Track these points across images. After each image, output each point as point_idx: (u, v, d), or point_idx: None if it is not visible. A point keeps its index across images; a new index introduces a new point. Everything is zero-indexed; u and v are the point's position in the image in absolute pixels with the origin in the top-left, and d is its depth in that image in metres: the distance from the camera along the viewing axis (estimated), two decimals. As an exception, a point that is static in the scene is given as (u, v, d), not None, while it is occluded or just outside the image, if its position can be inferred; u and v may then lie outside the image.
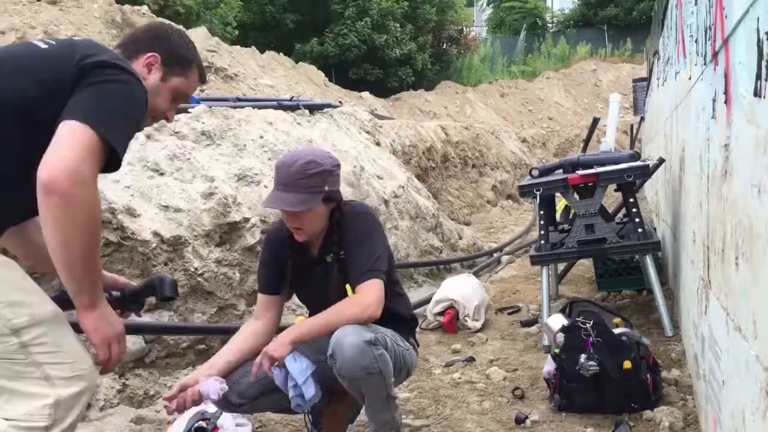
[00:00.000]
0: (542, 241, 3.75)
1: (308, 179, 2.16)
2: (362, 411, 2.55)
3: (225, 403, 2.22)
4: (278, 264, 2.35)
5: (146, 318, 3.10)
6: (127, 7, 7.72)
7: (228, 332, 3.15)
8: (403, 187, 5.58)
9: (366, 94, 14.07)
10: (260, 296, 2.40)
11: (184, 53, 1.89)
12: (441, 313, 4.10)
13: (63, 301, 1.62)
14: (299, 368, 2.14)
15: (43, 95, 1.54)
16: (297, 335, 2.11)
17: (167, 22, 2.06)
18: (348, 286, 2.23)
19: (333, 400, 2.46)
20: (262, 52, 12.20)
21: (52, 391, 1.45)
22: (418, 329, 2.71)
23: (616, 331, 2.83)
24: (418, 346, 2.52)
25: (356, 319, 2.11)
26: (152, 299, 2.11)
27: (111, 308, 1.63)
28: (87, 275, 1.51)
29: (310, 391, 2.15)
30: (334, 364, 2.09)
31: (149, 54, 1.80)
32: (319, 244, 2.32)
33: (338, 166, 2.29)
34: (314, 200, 2.17)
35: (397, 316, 2.39)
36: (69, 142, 1.44)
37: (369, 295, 2.14)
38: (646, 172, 3.72)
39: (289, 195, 2.15)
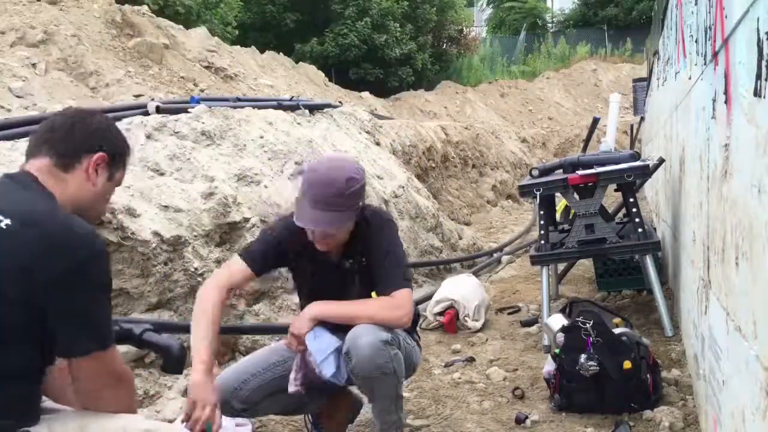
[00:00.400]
0: (542, 241, 3.75)
1: (347, 199, 2.10)
2: (362, 411, 2.56)
3: (227, 409, 2.18)
4: (279, 251, 2.30)
5: (146, 317, 3.10)
6: (127, 7, 7.72)
7: (274, 331, 3.15)
8: (403, 187, 5.57)
9: (366, 94, 14.08)
10: (240, 264, 2.26)
11: (126, 144, 1.74)
12: (441, 313, 4.10)
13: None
14: (318, 346, 2.15)
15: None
16: (319, 312, 2.15)
17: (78, 108, 1.86)
18: (374, 293, 2.22)
19: (333, 401, 2.47)
20: (262, 52, 12.20)
21: None
22: (417, 328, 2.71)
23: (616, 331, 2.83)
24: (420, 339, 2.54)
25: (389, 322, 2.13)
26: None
27: None
28: None
29: (329, 369, 2.14)
30: (349, 361, 2.09)
31: (97, 155, 1.61)
32: (338, 250, 2.27)
33: (364, 179, 2.23)
34: (351, 217, 2.15)
35: None
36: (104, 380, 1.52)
37: (404, 304, 2.15)
38: (646, 172, 3.72)
39: (326, 214, 2.08)
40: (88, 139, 1.62)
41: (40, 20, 6.32)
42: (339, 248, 2.26)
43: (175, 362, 1.80)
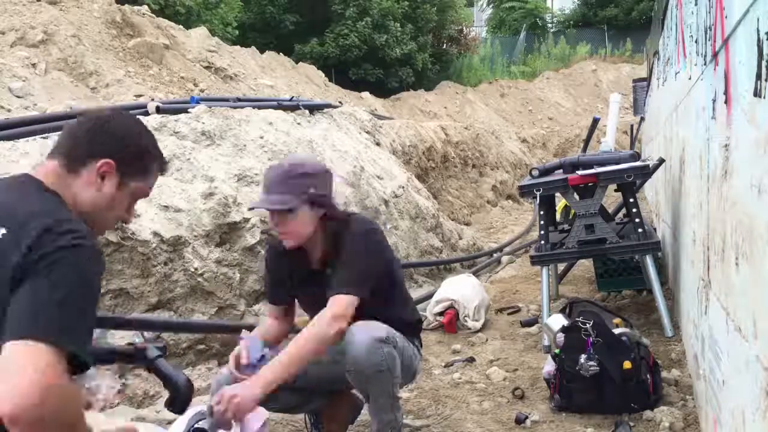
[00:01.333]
0: (542, 241, 3.75)
1: (290, 180, 2.15)
2: (363, 411, 2.56)
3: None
4: (279, 275, 2.38)
5: (146, 317, 3.11)
6: (127, 7, 7.73)
7: (227, 330, 3.15)
8: (403, 187, 5.58)
9: (366, 94, 14.09)
10: (271, 308, 2.45)
11: (143, 153, 1.60)
12: (441, 313, 4.10)
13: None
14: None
15: None
16: (264, 385, 1.94)
17: (109, 105, 1.57)
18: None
19: (333, 401, 2.47)
20: (262, 52, 12.21)
21: None
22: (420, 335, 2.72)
23: (616, 331, 2.82)
24: (421, 346, 2.53)
25: (324, 343, 2.04)
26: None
27: None
28: None
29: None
30: (349, 362, 2.10)
31: (102, 161, 1.51)
32: (319, 257, 2.30)
33: (327, 172, 2.27)
34: (296, 200, 2.14)
35: (404, 320, 2.38)
36: (18, 370, 1.19)
37: (332, 310, 2.07)
38: (646, 172, 3.72)
39: (270, 196, 2.15)
40: (99, 143, 1.53)
41: (40, 20, 6.32)
42: (318, 255, 2.28)
43: (180, 402, 1.77)
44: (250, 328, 2.62)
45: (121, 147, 1.55)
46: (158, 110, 3.94)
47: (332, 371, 2.25)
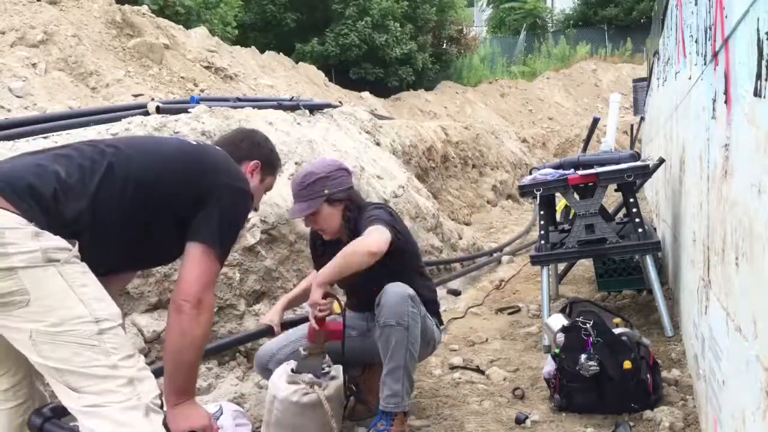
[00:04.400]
0: (542, 241, 3.75)
1: (307, 189, 2.59)
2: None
3: (262, 370, 2.71)
4: (315, 244, 2.85)
5: (146, 317, 3.11)
6: (127, 7, 7.72)
7: (251, 338, 3.13)
8: (403, 187, 5.57)
9: (366, 94, 14.08)
10: (312, 270, 2.90)
11: (276, 157, 2.29)
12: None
13: None
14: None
15: (169, 188, 1.83)
16: (322, 279, 2.43)
17: (255, 130, 2.43)
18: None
19: (369, 371, 2.78)
20: (262, 52, 12.21)
21: (119, 372, 1.61)
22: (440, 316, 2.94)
23: (616, 331, 2.83)
24: (441, 325, 2.84)
25: (367, 255, 2.37)
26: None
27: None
28: (191, 375, 1.86)
29: None
30: (379, 311, 2.40)
31: (253, 162, 2.16)
32: (346, 241, 2.59)
33: (338, 169, 2.66)
34: (315, 205, 2.58)
35: (423, 297, 2.61)
36: (199, 268, 1.79)
37: (371, 234, 2.42)
38: (646, 172, 3.72)
39: (297, 205, 2.62)
40: (249, 148, 2.18)
41: (40, 20, 6.32)
42: (345, 235, 2.62)
43: None
44: (270, 331, 2.80)
45: (266, 154, 2.23)
46: (158, 110, 3.94)
47: (365, 344, 2.59)
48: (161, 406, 1.68)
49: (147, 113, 3.91)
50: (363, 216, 2.58)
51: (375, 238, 2.40)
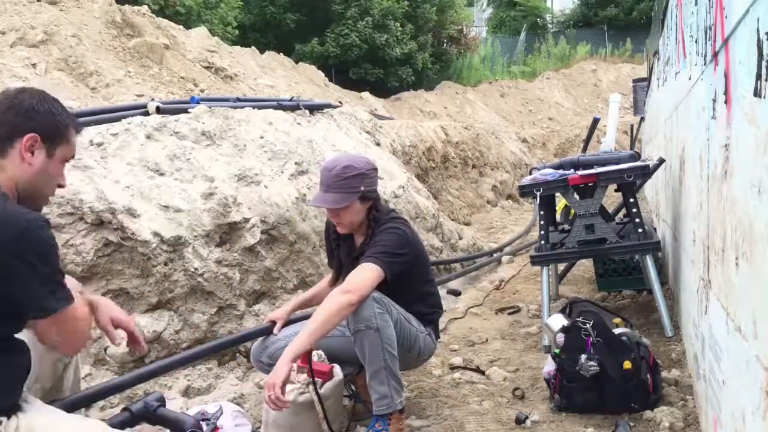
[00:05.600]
0: (542, 241, 3.75)
1: (344, 181, 2.52)
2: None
3: (256, 362, 2.73)
4: (329, 240, 2.86)
5: (146, 317, 3.11)
6: (127, 8, 7.72)
7: (251, 337, 3.13)
8: (403, 187, 5.57)
9: (366, 94, 14.08)
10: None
11: (61, 120, 1.72)
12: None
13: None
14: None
15: None
16: (294, 351, 2.27)
17: (25, 88, 1.78)
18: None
19: (363, 370, 2.70)
20: (262, 52, 12.20)
21: None
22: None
23: (616, 331, 2.83)
24: (438, 338, 2.80)
25: (346, 308, 2.32)
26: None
27: None
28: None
29: None
30: (348, 321, 2.38)
31: (28, 136, 1.63)
32: (362, 240, 2.63)
33: (374, 169, 2.64)
34: (350, 199, 2.53)
35: (416, 312, 2.64)
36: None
37: (354, 280, 2.38)
38: (646, 172, 3.72)
39: (328, 195, 2.53)
40: (18, 121, 1.63)
41: (40, 20, 6.32)
42: (362, 238, 2.63)
43: None
44: (270, 329, 2.79)
45: (41, 120, 1.66)
46: (158, 110, 3.94)
47: (351, 345, 2.53)
48: None
49: (147, 113, 3.91)
50: (379, 223, 2.59)
51: (360, 283, 2.36)
